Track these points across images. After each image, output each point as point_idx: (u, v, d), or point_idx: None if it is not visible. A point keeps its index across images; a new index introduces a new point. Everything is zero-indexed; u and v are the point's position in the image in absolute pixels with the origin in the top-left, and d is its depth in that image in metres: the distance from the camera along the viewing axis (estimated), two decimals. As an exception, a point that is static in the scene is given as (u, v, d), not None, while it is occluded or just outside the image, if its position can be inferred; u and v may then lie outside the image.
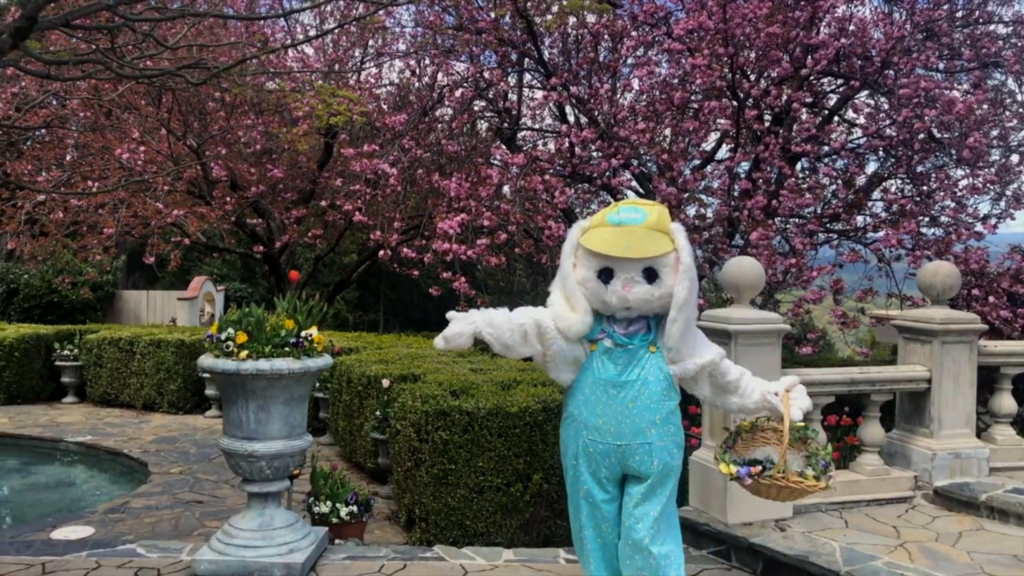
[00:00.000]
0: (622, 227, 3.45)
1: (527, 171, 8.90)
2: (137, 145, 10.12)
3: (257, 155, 11.31)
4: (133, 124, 10.33)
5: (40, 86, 9.29)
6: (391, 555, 4.62)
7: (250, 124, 10.67)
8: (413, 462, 5.66)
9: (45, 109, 9.63)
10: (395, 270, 10.44)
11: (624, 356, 3.49)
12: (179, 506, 6.25)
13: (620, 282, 3.39)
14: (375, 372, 7.08)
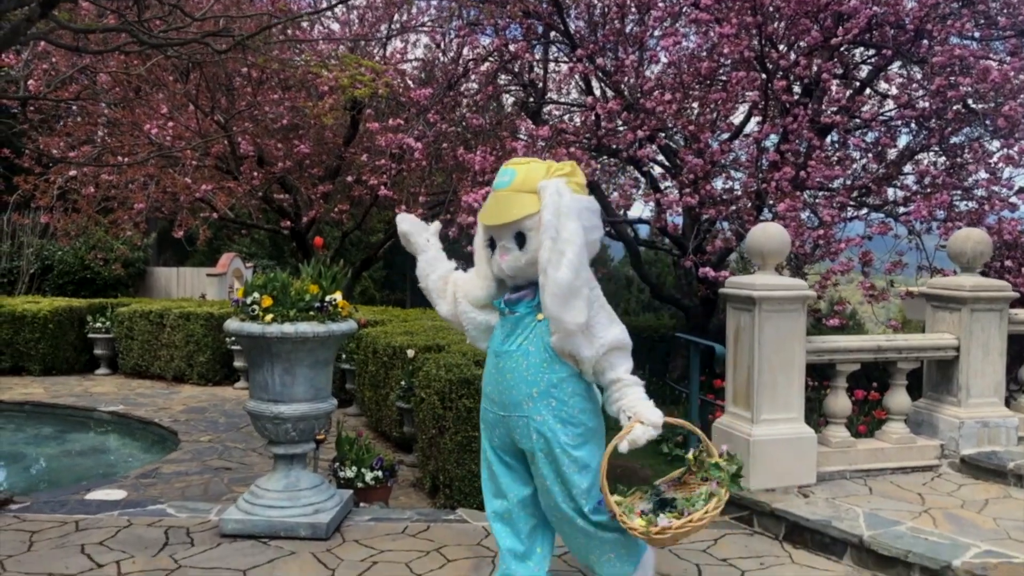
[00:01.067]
0: (494, 192, 3.40)
1: (552, 144, 8.86)
2: (165, 121, 10.21)
3: (284, 130, 11.36)
4: (161, 100, 10.41)
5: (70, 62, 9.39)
6: (415, 517, 4.68)
7: (276, 99, 10.71)
8: (437, 429, 5.70)
9: (75, 85, 9.73)
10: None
11: (509, 324, 3.41)
12: (208, 472, 6.36)
13: (499, 250, 3.33)
14: (400, 343, 7.13)
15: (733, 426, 4.84)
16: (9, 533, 4.30)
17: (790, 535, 4.40)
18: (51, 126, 11.32)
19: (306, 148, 11.25)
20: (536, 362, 3.29)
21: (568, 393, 3.31)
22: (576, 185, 3.29)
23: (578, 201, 3.23)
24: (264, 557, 4.03)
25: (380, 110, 11.50)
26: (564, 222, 3.13)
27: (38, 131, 10.70)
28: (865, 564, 4.03)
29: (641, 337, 12.94)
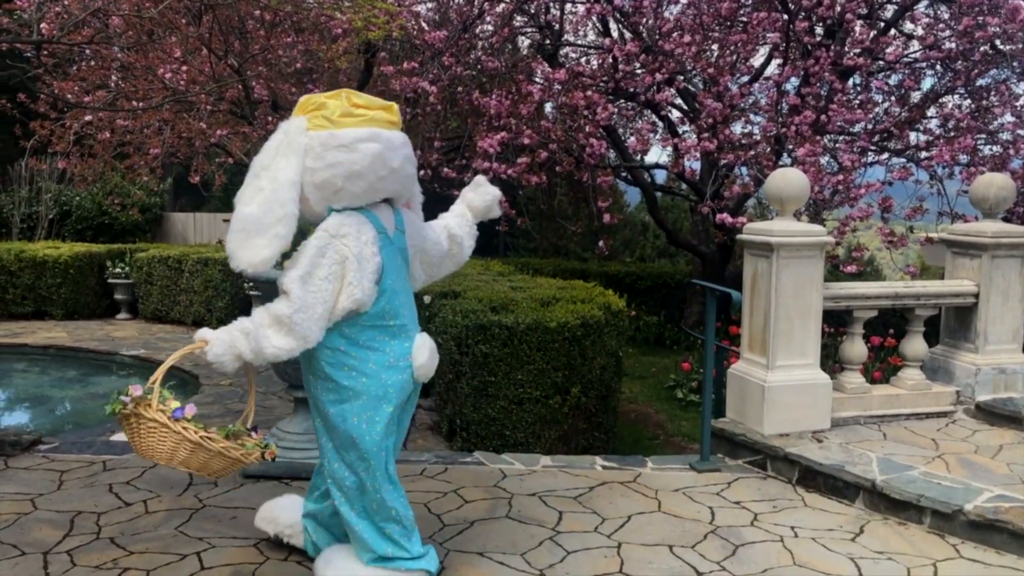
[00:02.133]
0: None
1: (569, 87, 8.75)
2: (179, 65, 10.14)
3: (298, 75, 11.26)
4: (175, 44, 10.32)
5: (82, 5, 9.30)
6: (433, 459, 4.77)
7: (290, 43, 10.59)
8: (454, 374, 5.77)
9: (88, 29, 9.64)
10: (436, 191, 10.43)
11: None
12: (230, 415, 6.47)
13: None
14: (417, 289, 7.15)
15: (748, 372, 4.87)
16: (39, 472, 4.42)
17: (803, 479, 4.45)
18: (65, 71, 11.26)
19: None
20: None
21: (333, 348, 3.11)
22: (323, 119, 3.04)
23: (310, 137, 3.01)
24: (286, 497, 4.12)
25: (394, 53, 11.36)
26: (276, 160, 2.99)
27: (52, 75, 10.66)
28: (877, 508, 4.08)
29: (656, 284, 12.96)
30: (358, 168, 3.02)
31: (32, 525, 3.74)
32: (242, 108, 11.03)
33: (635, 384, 9.51)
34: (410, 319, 3.28)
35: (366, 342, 3.11)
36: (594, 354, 5.70)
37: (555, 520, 3.91)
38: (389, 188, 3.16)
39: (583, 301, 6.16)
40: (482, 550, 3.57)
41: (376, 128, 3.09)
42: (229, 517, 3.88)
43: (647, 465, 4.73)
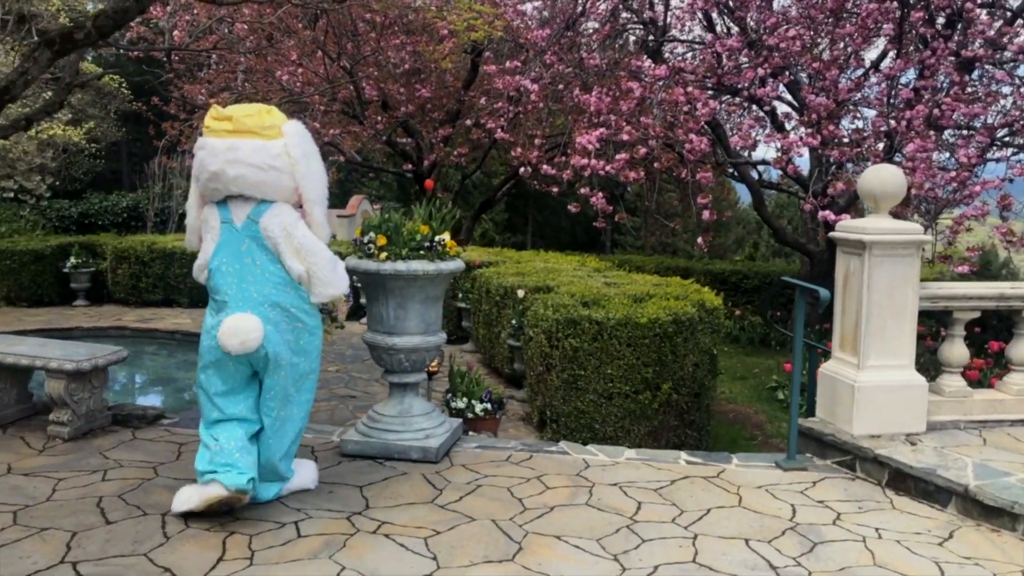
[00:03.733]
0: None
1: (669, 83, 8.73)
2: (295, 68, 10.68)
3: (407, 75, 11.66)
4: (292, 47, 10.88)
5: (210, 13, 9.95)
6: (519, 447, 4.92)
7: (398, 44, 10.98)
8: (544, 367, 5.91)
9: (215, 35, 10.30)
10: (535, 188, 10.61)
11: None
12: (334, 399, 6.83)
13: None
14: (511, 283, 7.35)
15: (839, 372, 4.80)
16: (161, 444, 4.84)
17: (893, 482, 4.36)
18: (194, 74, 12.06)
19: (427, 92, 11.52)
20: None
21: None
22: (205, 130, 3.89)
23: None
24: (379, 476, 4.37)
25: (500, 52, 11.60)
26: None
27: (183, 79, 11.44)
28: (969, 513, 3.97)
29: (764, 283, 12.70)
30: (195, 171, 3.93)
31: (153, 490, 4.12)
32: (353, 108, 11.51)
33: (736, 384, 9.41)
34: (235, 298, 3.83)
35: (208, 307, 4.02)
36: (686, 351, 5.72)
37: (634, 510, 4.00)
38: (218, 187, 3.83)
39: (677, 298, 6.18)
40: (560, 534, 3.70)
41: (207, 137, 3.84)
42: (326, 491, 4.15)
43: (732, 461, 4.74)
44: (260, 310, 3.80)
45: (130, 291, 11.35)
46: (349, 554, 3.45)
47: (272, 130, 3.83)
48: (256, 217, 3.85)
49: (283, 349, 3.86)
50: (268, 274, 3.85)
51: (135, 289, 11.33)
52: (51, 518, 3.72)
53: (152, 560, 3.35)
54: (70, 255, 11.33)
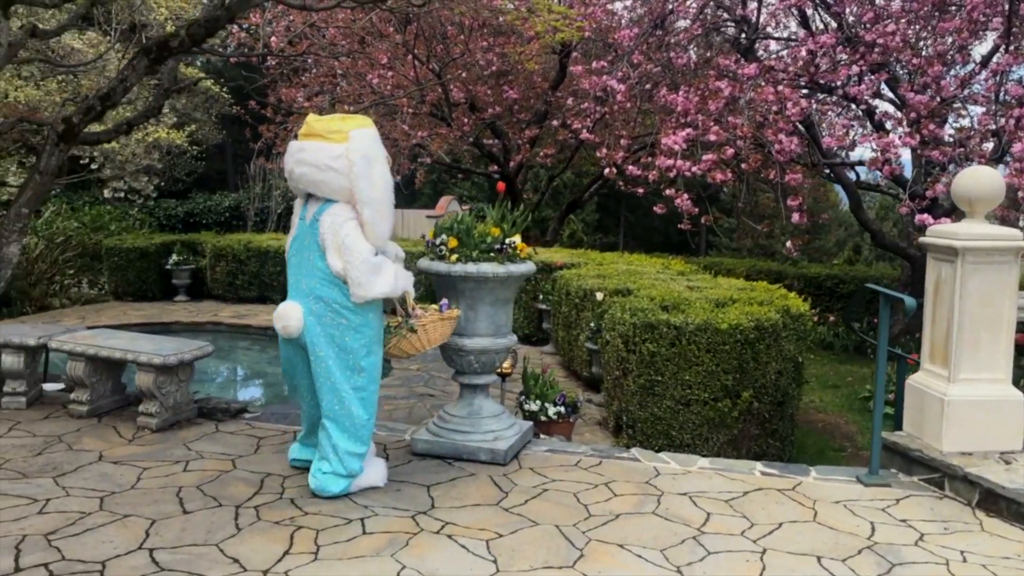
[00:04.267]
0: None
1: (758, 82, 8.49)
2: (386, 71, 10.89)
3: (495, 76, 11.74)
4: (382, 50, 11.10)
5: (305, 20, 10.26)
6: (589, 452, 4.87)
7: (486, 46, 11.05)
8: (621, 371, 5.83)
9: (307, 41, 10.62)
10: (621, 188, 10.50)
11: None
12: (413, 398, 6.93)
13: None
14: (591, 286, 7.29)
15: (928, 384, 4.56)
16: (242, 437, 5.01)
17: (984, 502, 4.11)
18: (290, 78, 12.46)
19: (515, 93, 11.56)
20: None
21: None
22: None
23: None
24: (447, 476, 4.41)
25: (588, 52, 11.53)
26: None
27: (281, 83, 11.84)
28: (1068, 540, 3.71)
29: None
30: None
31: (230, 482, 4.26)
32: (441, 110, 11.66)
33: (827, 393, 9.08)
34: (291, 287, 4.21)
35: None
36: (769, 358, 5.55)
37: (702, 521, 3.90)
38: (291, 184, 4.25)
39: (761, 303, 6.00)
40: (623, 542, 3.65)
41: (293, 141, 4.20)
42: (394, 489, 4.21)
43: (810, 474, 4.56)
44: (306, 301, 4.08)
45: (227, 288, 11.81)
46: (411, 553, 3.49)
47: (338, 134, 4.06)
48: (318, 215, 4.09)
49: (322, 341, 4.06)
50: (316, 269, 4.08)
51: (232, 286, 11.78)
52: (134, 505, 3.91)
53: (223, 550, 3.46)
54: (172, 253, 11.88)
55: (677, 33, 9.88)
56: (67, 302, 11.35)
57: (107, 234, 12.91)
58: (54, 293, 11.35)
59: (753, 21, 10.08)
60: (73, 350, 5.14)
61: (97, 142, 6.52)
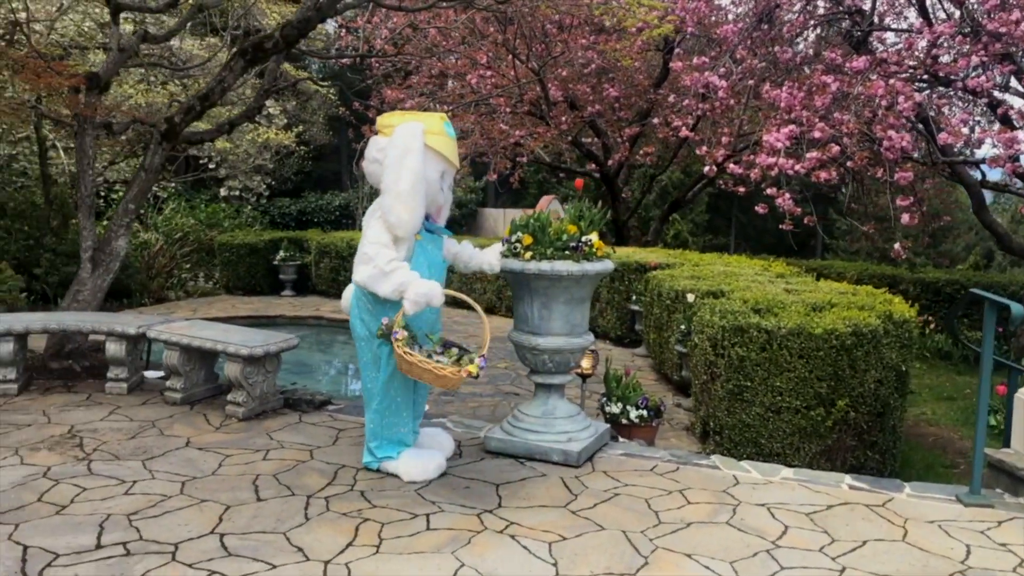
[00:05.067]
0: (455, 140, 4.35)
1: (867, 76, 8.06)
2: (485, 70, 10.95)
3: (595, 75, 11.62)
4: (482, 50, 11.16)
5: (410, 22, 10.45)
6: (666, 457, 4.73)
7: (585, 44, 10.95)
8: (708, 376, 5.64)
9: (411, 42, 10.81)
10: (722, 187, 10.20)
11: (434, 243, 4.39)
12: (498, 396, 6.92)
13: (447, 185, 4.39)
14: (683, 287, 7.10)
15: (1040, 398, 4.19)
16: (323, 428, 5.12)
17: (1101, 530, 3.74)
18: (394, 79, 12.71)
19: (615, 91, 11.40)
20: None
21: None
22: None
23: None
24: (517, 475, 4.36)
25: (692, 49, 11.26)
26: None
27: (385, 84, 12.10)
28: None
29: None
30: None
31: (305, 472, 4.36)
32: (540, 109, 11.64)
33: (941, 405, 8.55)
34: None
35: None
36: (867, 366, 5.24)
37: (778, 534, 3.71)
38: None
39: (861, 308, 5.69)
40: (691, 552, 3.50)
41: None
42: (463, 486, 4.20)
43: (903, 491, 4.27)
44: (356, 288, 4.31)
45: (330, 283, 12.17)
46: (471, 551, 3.46)
47: (388, 128, 4.21)
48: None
49: (357, 325, 4.35)
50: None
51: (334, 282, 12.13)
52: (212, 491, 4.04)
53: (289, 539, 3.53)
54: (280, 249, 12.34)
55: (782, 27, 9.50)
56: (182, 295, 11.97)
57: (221, 231, 13.54)
58: (171, 286, 11.98)
59: (867, 12, 9.59)
60: (169, 340, 5.39)
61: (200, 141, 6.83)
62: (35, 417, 5.17)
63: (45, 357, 6.26)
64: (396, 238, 4.07)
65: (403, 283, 3.97)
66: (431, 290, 3.96)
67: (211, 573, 3.20)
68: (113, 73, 5.92)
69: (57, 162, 11.64)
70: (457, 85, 11.64)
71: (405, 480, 4.26)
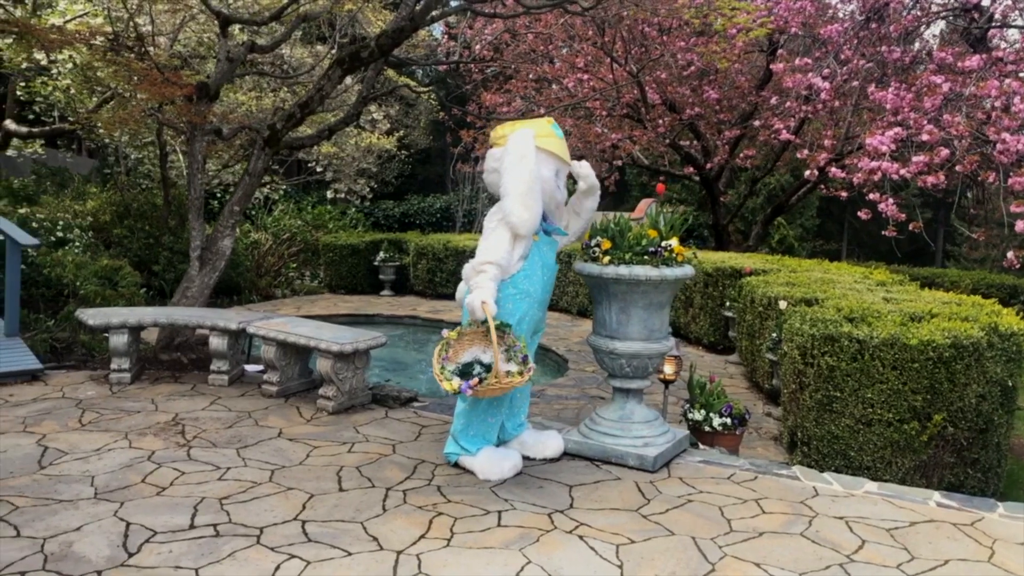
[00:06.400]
0: (564, 140, 4.54)
1: (983, 75, 7.67)
2: (582, 74, 10.99)
3: (696, 77, 11.48)
4: (578, 54, 11.21)
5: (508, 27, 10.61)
6: (745, 466, 4.66)
7: (684, 47, 10.84)
8: (797, 385, 5.51)
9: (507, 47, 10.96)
10: (823, 191, 9.89)
11: (548, 245, 4.59)
12: (584, 399, 6.95)
13: (561, 182, 4.57)
14: (776, 293, 6.94)
15: None
16: (407, 424, 5.29)
17: None
18: (492, 84, 12.91)
19: (715, 94, 11.24)
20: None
21: None
22: None
23: None
24: (591, 478, 4.40)
25: (796, 49, 10.97)
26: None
27: (482, 89, 12.31)
28: None
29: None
30: None
31: (387, 465, 4.52)
32: (638, 112, 11.58)
33: (1057, 424, 8.05)
34: None
35: None
36: (968, 380, 5.01)
37: (854, 548, 3.61)
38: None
39: (964, 319, 5.44)
40: (760, 561, 3.46)
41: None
42: (537, 486, 4.26)
43: (996, 510, 4.08)
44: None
45: (427, 284, 12.47)
46: (539, 549, 3.53)
47: (501, 139, 4.46)
48: None
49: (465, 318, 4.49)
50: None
51: (431, 283, 12.42)
52: (298, 480, 4.25)
53: (366, 528, 3.69)
54: (380, 250, 12.73)
55: (890, 25, 9.14)
56: (288, 293, 12.51)
57: (325, 232, 14.08)
58: (278, 284, 12.55)
59: (985, 7, 9.13)
60: (266, 335, 5.68)
61: (301, 147, 7.17)
62: (144, 405, 5.56)
63: (157, 349, 6.71)
64: (516, 237, 4.35)
65: (473, 284, 4.22)
66: (472, 302, 4.19)
67: (291, 557, 3.38)
68: (222, 82, 6.29)
69: (177, 165, 12.39)
70: (555, 89, 11.72)
71: (480, 478, 4.36)
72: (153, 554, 3.36)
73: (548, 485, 4.28)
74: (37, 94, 12.50)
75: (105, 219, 10.50)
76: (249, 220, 14.65)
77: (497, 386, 4.05)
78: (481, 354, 4.20)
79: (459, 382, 4.04)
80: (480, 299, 4.11)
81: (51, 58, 10.55)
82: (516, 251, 4.36)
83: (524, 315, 4.40)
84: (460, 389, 4.03)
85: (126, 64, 6.81)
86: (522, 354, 4.14)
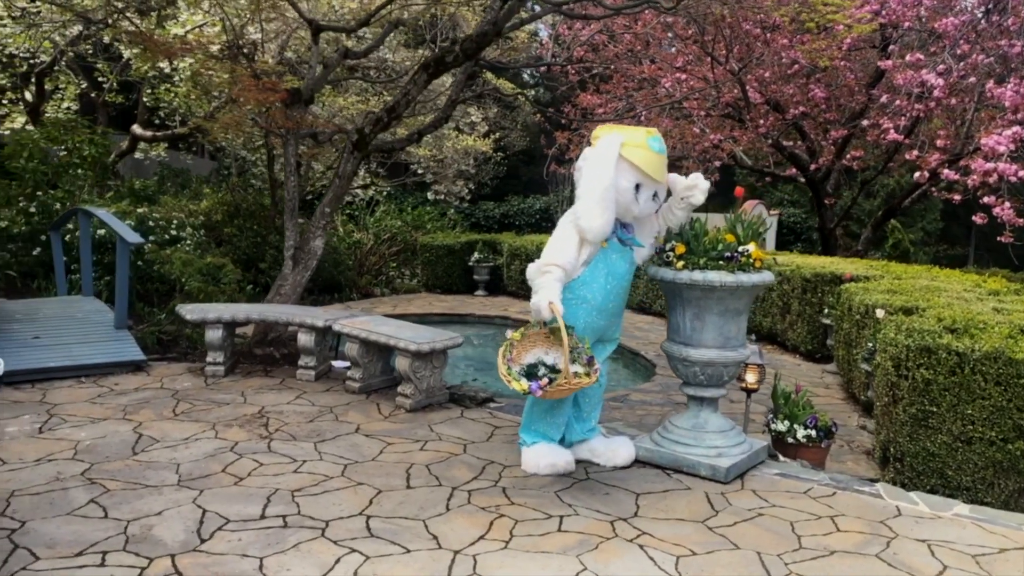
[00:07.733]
0: (660, 155, 4.37)
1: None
2: (680, 74, 10.79)
3: (802, 75, 11.09)
4: (677, 53, 11.01)
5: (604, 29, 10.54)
6: (824, 480, 4.47)
7: (786, 44, 10.48)
8: (890, 398, 5.25)
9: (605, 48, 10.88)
10: (934, 194, 9.38)
11: (620, 252, 4.46)
12: (668, 404, 6.82)
13: (646, 198, 4.39)
14: (874, 301, 6.62)
15: None
16: (480, 424, 5.33)
17: None
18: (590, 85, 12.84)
19: (822, 92, 10.82)
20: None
21: None
22: None
23: None
24: (661, 486, 4.31)
25: (909, 45, 10.42)
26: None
27: (579, 91, 12.27)
28: None
29: None
30: None
31: (456, 464, 4.57)
32: (739, 111, 11.28)
33: None
34: None
35: None
36: (1081, 400, 4.65)
37: (934, 573, 3.40)
38: None
39: (1084, 333, 5.05)
40: (827, 583, 3.31)
41: None
42: (603, 492, 4.22)
43: (1103, 542, 3.76)
44: None
45: (520, 284, 12.52)
46: (596, 557, 3.49)
47: (596, 140, 4.42)
48: None
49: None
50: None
51: (524, 283, 12.45)
52: (368, 475, 4.35)
53: (427, 526, 3.74)
54: (474, 251, 12.88)
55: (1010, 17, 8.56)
56: (388, 291, 12.83)
57: (424, 232, 14.35)
58: (378, 283, 12.88)
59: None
60: (350, 333, 5.84)
61: (391, 150, 7.32)
62: (234, 397, 5.81)
63: (252, 343, 7.01)
64: (583, 241, 4.30)
65: (538, 285, 4.18)
66: (538, 303, 4.13)
67: (351, 551, 3.46)
68: (317, 88, 6.52)
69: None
70: (652, 90, 11.55)
71: (524, 469, 4.48)
72: (223, 541, 3.52)
73: (614, 492, 4.23)
74: (161, 100, 13.30)
75: (217, 218, 11.05)
76: (352, 220, 15.09)
77: (566, 386, 4.03)
78: (543, 355, 4.18)
79: (527, 383, 4.04)
80: (547, 299, 4.08)
81: (173, 66, 11.20)
82: (581, 255, 4.30)
83: (581, 322, 4.35)
84: (530, 389, 4.04)
85: (231, 71, 7.15)
86: (587, 355, 4.11)
